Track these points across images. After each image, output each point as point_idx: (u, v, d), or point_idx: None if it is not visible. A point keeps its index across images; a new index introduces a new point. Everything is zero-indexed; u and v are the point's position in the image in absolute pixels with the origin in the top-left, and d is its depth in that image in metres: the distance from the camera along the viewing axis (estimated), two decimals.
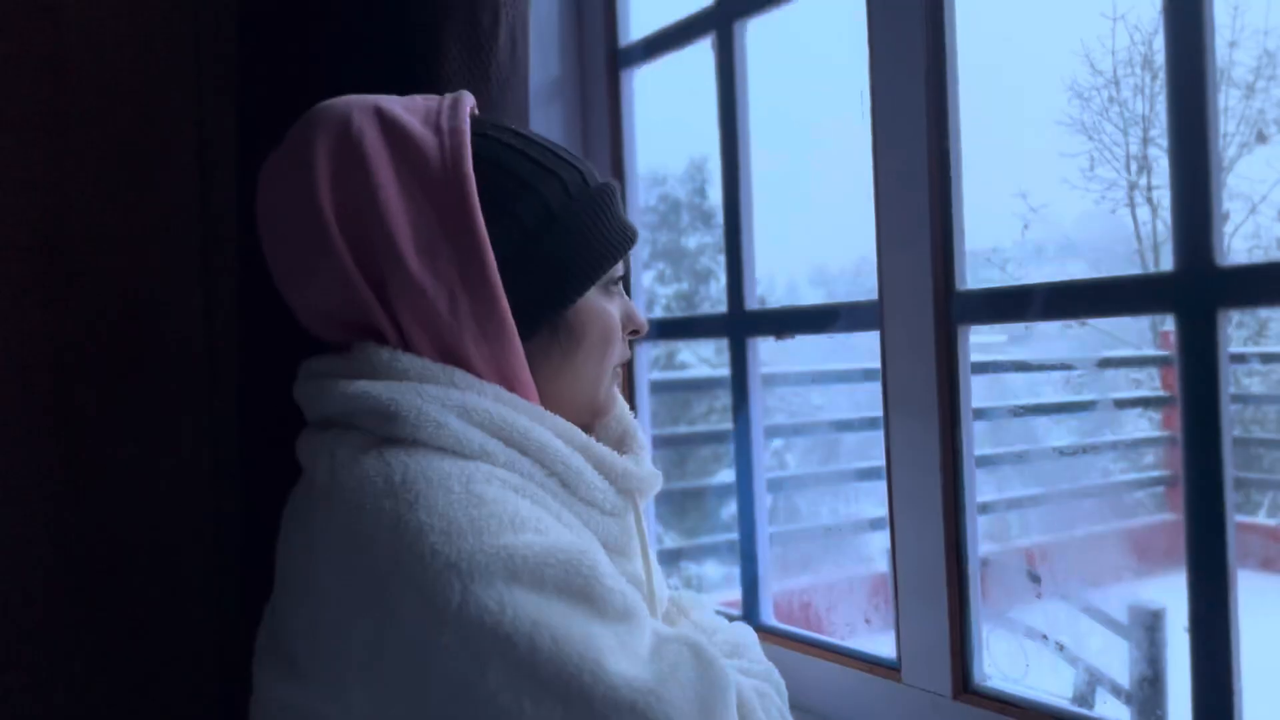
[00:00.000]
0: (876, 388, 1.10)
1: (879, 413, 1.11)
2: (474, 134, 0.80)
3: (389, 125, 0.77)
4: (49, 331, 1.22)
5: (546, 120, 1.47)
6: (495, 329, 0.77)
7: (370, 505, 0.69)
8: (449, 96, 0.83)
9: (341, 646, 0.69)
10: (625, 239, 0.85)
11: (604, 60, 1.49)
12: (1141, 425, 4.08)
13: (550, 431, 0.78)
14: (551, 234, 0.80)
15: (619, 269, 0.86)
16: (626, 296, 0.89)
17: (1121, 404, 3.83)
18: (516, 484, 0.74)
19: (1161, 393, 3.96)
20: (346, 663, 0.69)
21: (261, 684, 0.78)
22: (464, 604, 0.65)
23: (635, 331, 0.89)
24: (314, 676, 0.72)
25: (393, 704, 0.68)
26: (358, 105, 0.79)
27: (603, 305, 0.84)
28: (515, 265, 0.78)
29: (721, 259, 1.36)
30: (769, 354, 1.35)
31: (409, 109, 0.80)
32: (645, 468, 0.86)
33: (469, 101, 0.83)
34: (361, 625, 0.68)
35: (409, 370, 0.76)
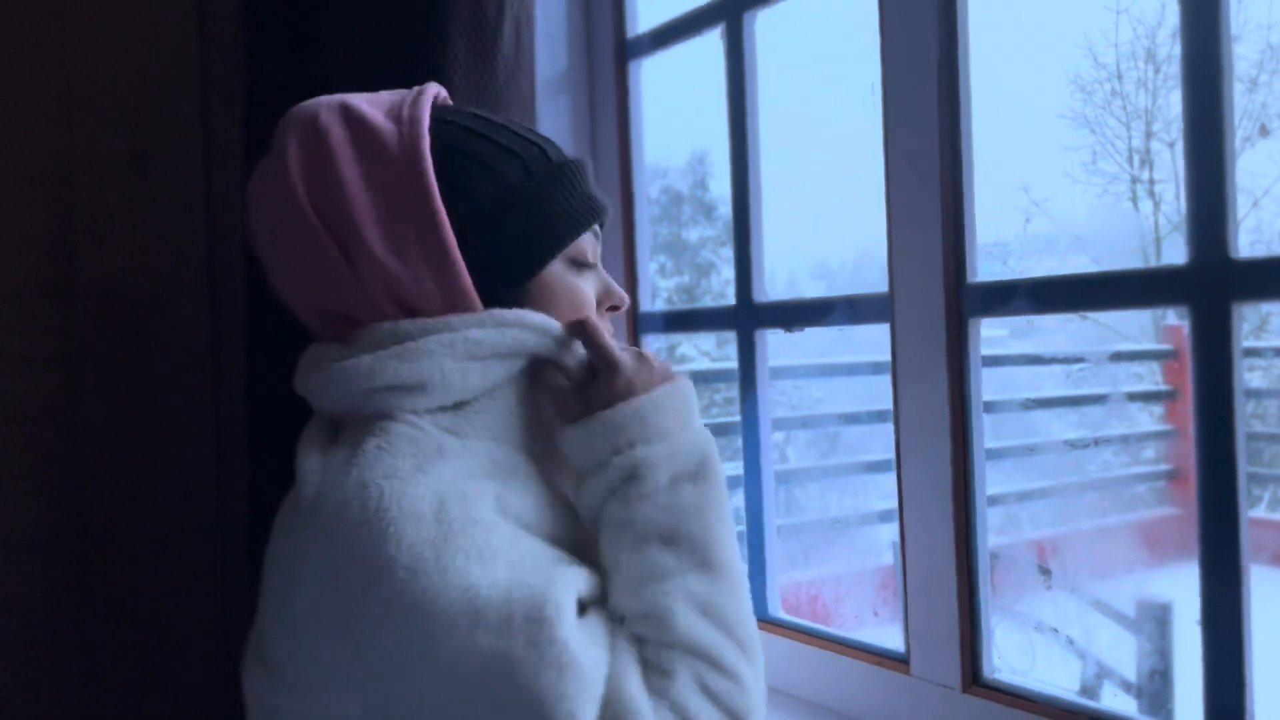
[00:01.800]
0: (877, 381, 1.10)
1: (880, 405, 1.11)
2: (436, 120, 0.83)
3: (352, 119, 0.80)
4: (54, 325, 1.22)
5: (554, 113, 1.47)
6: (461, 305, 0.80)
7: (345, 533, 0.70)
8: (414, 90, 0.85)
9: (321, 661, 0.72)
10: (589, 214, 0.86)
11: (611, 52, 1.48)
12: (1143, 419, 4.08)
13: (545, 336, 0.81)
14: (508, 211, 0.82)
15: (586, 242, 0.87)
16: (604, 272, 0.90)
17: (1134, 397, 3.83)
18: (490, 497, 0.75)
19: (1164, 387, 3.97)
20: (328, 675, 0.72)
21: (249, 686, 0.80)
22: (426, 651, 0.68)
23: (614, 307, 0.90)
24: (298, 685, 0.74)
25: (378, 717, 0.71)
26: (325, 103, 0.82)
27: (570, 280, 0.86)
28: (475, 242, 0.80)
29: (723, 252, 1.36)
30: (769, 349, 1.34)
31: (374, 103, 0.83)
32: None
33: (433, 92, 0.86)
34: (336, 649, 0.71)
35: (411, 330, 0.78)
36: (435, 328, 0.78)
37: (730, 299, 1.33)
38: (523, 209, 0.82)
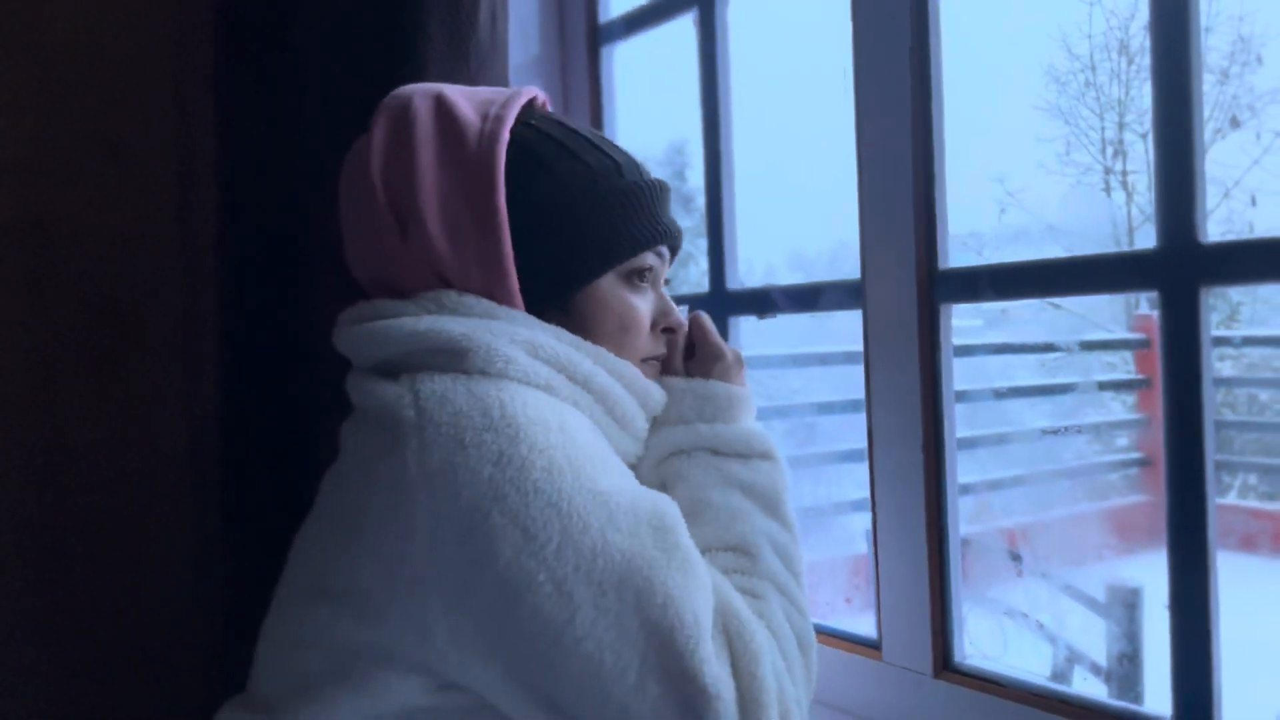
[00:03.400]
0: (854, 371, 1.10)
1: (857, 395, 1.11)
2: (522, 123, 0.85)
3: (442, 108, 0.84)
4: (30, 318, 1.20)
5: None
6: (505, 301, 0.82)
7: (471, 440, 0.71)
8: (510, 90, 0.88)
9: (431, 581, 0.71)
10: (651, 236, 0.87)
11: (584, 36, 1.47)
12: (1115, 408, 4.12)
13: (608, 374, 0.83)
14: (567, 219, 0.84)
15: (646, 261, 0.88)
16: (665, 294, 0.92)
17: (1104, 386, 3.87)
18: (587, 422, 0.79)
19: (1136, 376, 4.01)
20: (433, 597, 0.71)
21: (307, 625, 0.77)
22: (561, 547, 0.69)
23: (670, 329, 0.92)
24: (388, 614, 0.72)
25: (478, 634, 0.71)
26: (422, 90, 0.86)
27: (621, 296, 0.87)
28: (529, 245, 0.82)
29: (700, 243, 1.35)
30: (745, 337, 1.34)
31: (469, 97, 0.86)
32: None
33: (527, 96, 0.88)
34: (458, 556, 0.70)
35: (474, 309, 0.80)
36: (499, 315, 0.80)
37: (705, 290, 1.33)
38: (582, 219, 0.84)
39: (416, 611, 0.71)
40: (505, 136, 0.82)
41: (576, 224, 0.84)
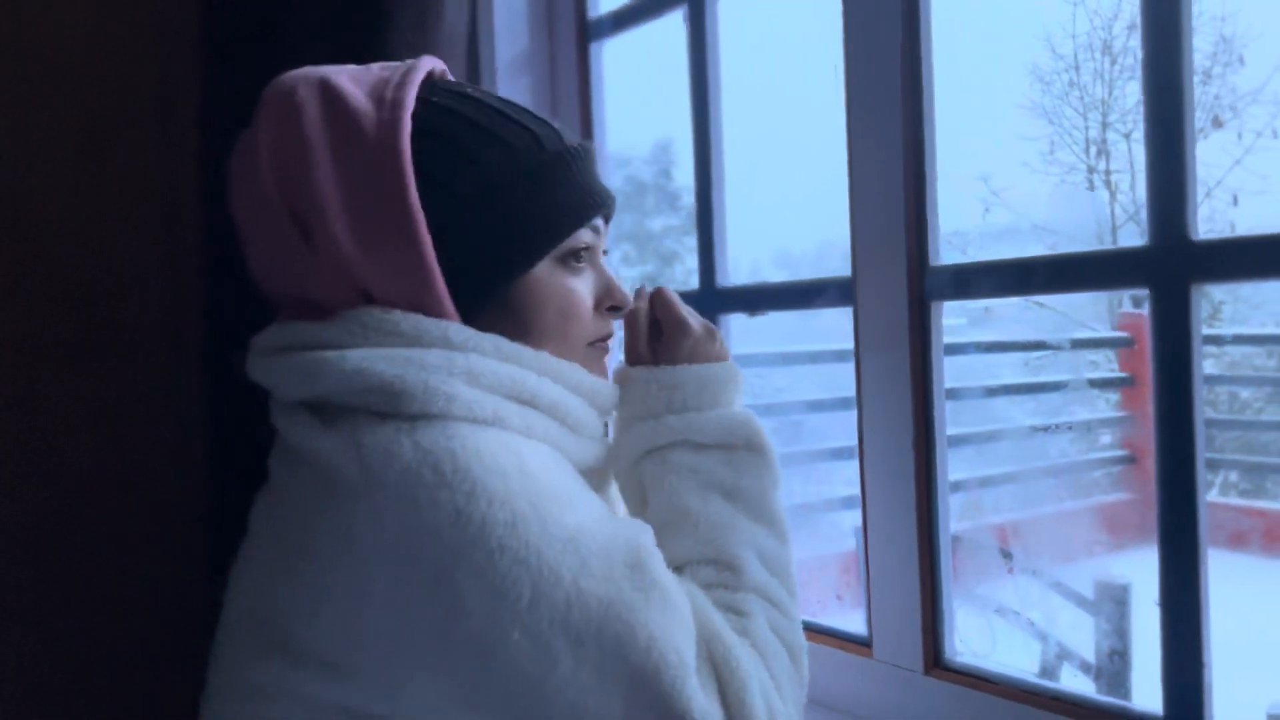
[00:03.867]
0: (840, 369, 1.10)
1: (843, 393, 1.10)
2: (424, 100, 0.76)
3: (330, 98, 0.74)
4: (12, 313, 1.19)
5: (515, 94, 1.45)
6: (431, 307, 0.74)
7: (424, 499, 0.66)
8: (404, 65, 0.78)
9: (398, 642, 0.67)
10: (585, 209, 0.79)
11: (573, 32, 1.47)
12: (1100, 406, 4.15)
13: (554, 383, 0.77)
14: (489, 206, 0.75)
15: (582, 239, 0.80)
16: (605, 268, 0.84)
17: (1092, 384, 3.90)
18: (546, 452, 0.74)
19: (1121, 374, 4.04)
20: (403, 656, 0.67)
21: (262, 676, 0.72)
22: (534, 602, 0.66)
23: (615, 307, 0.84)
24: (352, 674, 0.69)
25: (454, 695, 0.68)
26: (304, 78, 0.76)
27: (560, 280, 0.79)
28: (452, 239, 0.74)
29: (687, 241, 1.35)
30: (735, 335, 1.34)
31: (358, 80, 0.76)
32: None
33: (424, 69, 0.79)
34: (425, 618, 0.66)
35: (400, 327, 0.72)
36: (432, 337, 0.72)
37: (694, 287, 1.32)
38: (506, 204, 0.75)
39: (384, 672, 0.68)
40: (407, 121, 0.73)
41: (500, 211, 0.75)
